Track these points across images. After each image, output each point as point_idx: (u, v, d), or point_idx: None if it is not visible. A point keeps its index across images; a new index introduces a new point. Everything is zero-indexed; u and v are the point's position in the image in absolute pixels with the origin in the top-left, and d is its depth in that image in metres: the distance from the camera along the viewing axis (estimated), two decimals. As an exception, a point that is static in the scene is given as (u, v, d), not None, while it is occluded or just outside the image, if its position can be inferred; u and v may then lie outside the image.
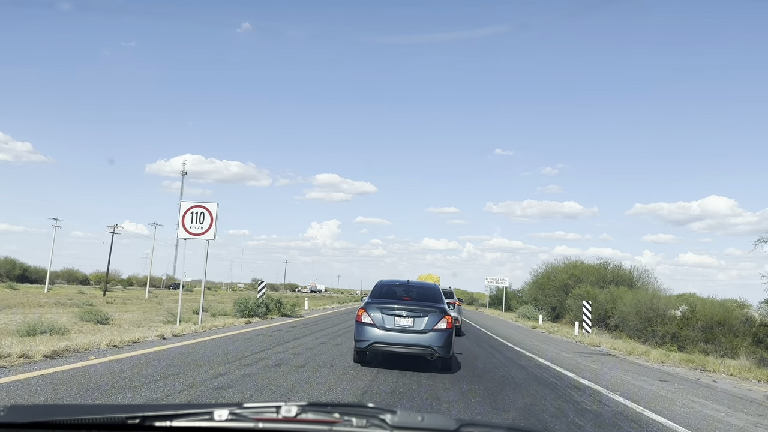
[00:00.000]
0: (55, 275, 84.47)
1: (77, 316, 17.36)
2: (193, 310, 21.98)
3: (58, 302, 30.60)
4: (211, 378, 7.29)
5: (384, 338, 9.08)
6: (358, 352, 9.53)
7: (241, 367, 8.33)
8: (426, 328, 9.07)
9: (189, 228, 15.13)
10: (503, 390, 8.15)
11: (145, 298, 45.75)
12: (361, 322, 9.32)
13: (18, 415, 1.55)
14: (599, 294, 34.02)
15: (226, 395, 6.35)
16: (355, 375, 8.48)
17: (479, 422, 1.55)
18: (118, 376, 6.93)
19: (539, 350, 15.52)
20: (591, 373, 11.04)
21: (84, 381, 6.52)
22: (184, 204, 15.32)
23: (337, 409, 1.53)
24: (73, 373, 6.94)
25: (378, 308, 9.29)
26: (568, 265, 46.95)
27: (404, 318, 9.16)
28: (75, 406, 3.01)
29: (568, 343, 19.28)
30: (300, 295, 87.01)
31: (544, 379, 9.80)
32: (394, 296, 10.04)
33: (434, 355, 9.15)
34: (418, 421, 1.49)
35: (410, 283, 10.91)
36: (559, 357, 13.82)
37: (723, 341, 22.25)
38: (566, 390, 8.71)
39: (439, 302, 9.71)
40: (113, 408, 1.94)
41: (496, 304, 65.34)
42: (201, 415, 1.51)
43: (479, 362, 11.48)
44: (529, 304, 41.92)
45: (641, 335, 25.62)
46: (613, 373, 11.32)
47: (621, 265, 43.89)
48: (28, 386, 6.05)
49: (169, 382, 6.82)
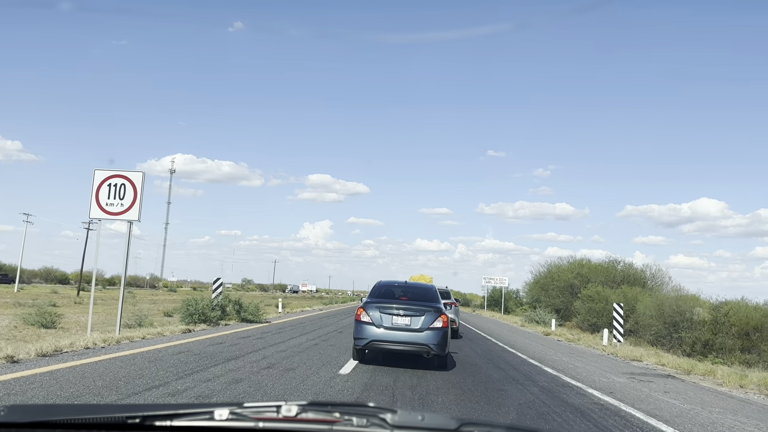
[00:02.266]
0: (33, 274, 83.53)
1: (21, 318, 16.41)
2: (165, 312, 19.58)
3: (18, 302, 29.17)
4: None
5: (382, 336, 9.37)
6: (357, 350, 9.84)
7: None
8: (422, 326, 9.36)
9: (105, 205, 11.51)
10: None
11: (119, 299, 43.49)
12: (360, 321, 9.59)
13: (18, 415, 1.55)
14: (611, 295, 31.96)
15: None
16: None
17: (479, 421, 1.54)
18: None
19: (579, 372, 11.60)
20: (684, 418, 7.44)
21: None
22: (98, 173, 11.64)
23: (337, 408, 1.53)
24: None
25: (377, 307, 9.57)
26: (574, 263, 44.10)
27: (401, 317, 9.45)
28: (75, 405, 3.01)
29: (602, 358, 15.39)
30: (288, 296, 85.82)
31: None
32: (392, 296, 10.32)
33: (430, 353, 9.43)
34: (419, 421, 1.49)
35: (408, 283, 11.24)
36: (612, 384, 10.19)
37: (765, 350, 19.93)
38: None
39: (436, 302, 10.03)
40: (113, 408, 1.94)
41: (491, 305, 63.01)
42: (201, 415, 1.51)
43: (509, 401, 7.57)
44: (539, 308, 37.09)
45: (664, 342, 23.17)
46: (713, 417, 7.74)
47: (632, 264, 41.29)
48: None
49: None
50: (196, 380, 7.32)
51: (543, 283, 45.06)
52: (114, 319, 14.49)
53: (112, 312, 21.93)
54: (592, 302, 33.46)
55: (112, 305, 29.96)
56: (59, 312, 20.56)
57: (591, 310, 33.00)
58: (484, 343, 17.58)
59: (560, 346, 19.28)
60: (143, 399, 6.14)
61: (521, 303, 61.41)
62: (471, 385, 8.63)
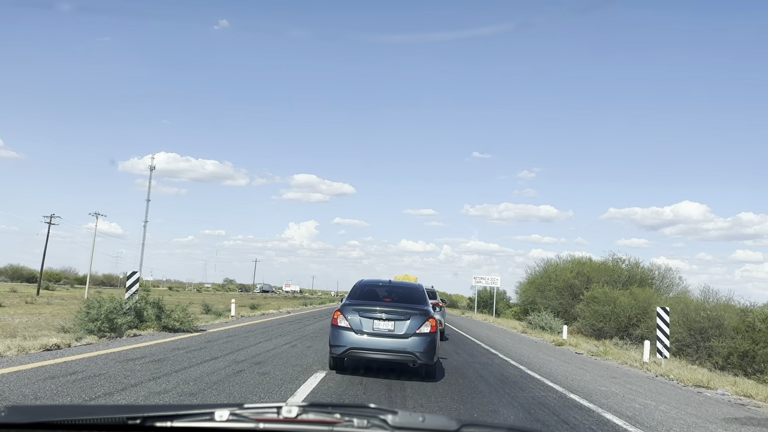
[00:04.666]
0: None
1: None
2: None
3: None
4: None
5: (362, 344, 8.38)
6: (333, 359, 8.83)
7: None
8: (408, 332, 8.40)
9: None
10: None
11: (84, 298, 40.38)
12: (337, 326, 8.57)
13: (18, 416, 1.55)
14: (619, 296, 29.42)
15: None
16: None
17: (480, 422, 1.55)
18: None
19: (663, 421, 7.17)
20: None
21: None
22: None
23: (338, 409, 1.53)
24: None
25: (356, 310, 8.57)
26: (574, 262, 40.95)
27: (384, 321, 8.45)
28: (76, 406, 3.00)
29: (660, 386, 10.79)
30: (257, 296, 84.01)
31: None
32: (375, 297, 9.30)
33: (417, 362, 8.45)
34: (419, 422, 1.49)
35: (392, 283, 10.15)
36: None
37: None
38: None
39: (423, 304, 9.08)
40: (114, 408, 1.94)
41: (480, 307, 58.51)
42: (202, 416, 1.51)
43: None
44: (538, 311, 31.26)
45: (689, 352, 20.35)
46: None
47: (638, 263, 38.11)
48: None
49: None
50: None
51: (539, 284, 42.04)
52: (56, 321, 12.42)
53: (59, 314, 20.08)
54: (598, 305, 30.70)
55: (64, 306, 28.47)
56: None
57: (597, 313, 30.29)
58: (488, 359, 13.36)
59: (588, 363, 14.36)
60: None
61: (509, 305, 59.34)
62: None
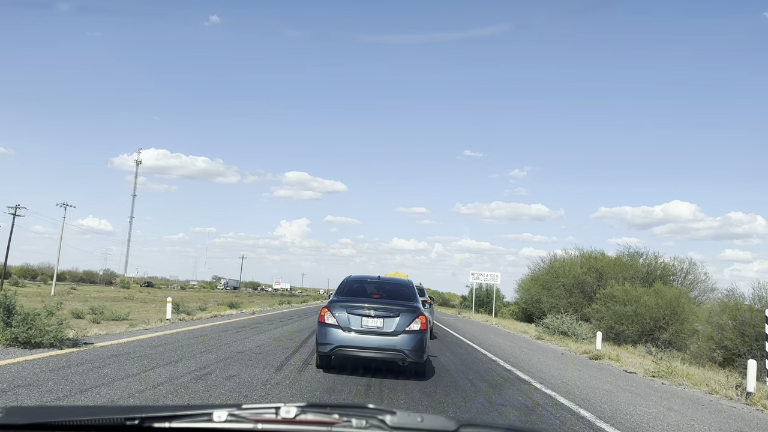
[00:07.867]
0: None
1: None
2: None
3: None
4: None
5: (349, 341, 8.23)
6: (320, 357, 8.72)
7: None
8: (397, 329, 8.24)
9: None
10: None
11: (50, 295, 39.16)
12: (324, 323, 8.42)
13: (17, 417, 1.55)
14: (643, 295, 26.17)
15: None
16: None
17: (478, 422, 1.54)
18: None
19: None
20: None
21: None
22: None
23: (336, 409, 1.52)
24: None
25: (343, 307, 8.41)
26: (585, 256, 36.85)
27: (372, 318, 8.31)
28: (74, 407, 3.01)
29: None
30: (257, 294, 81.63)
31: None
32: (363, 294, 9.14)
33: (406, 360, 8.30)
34: (418, 422, 1.48)
35: (381, 279, 9.98)
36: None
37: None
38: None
39: (413, 300, 8.89)
40: (112, 409, 1.94)
41: (476, 305, 51.45)
42: (200, 417, 1.51)
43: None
44: (563, 314, 23.84)
45: (741, 363, 14.48)
46: None
47: (656, 257, 33.95)
48: None
49: None
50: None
51: (544, 281, 38.03)
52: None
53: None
54: (618, 304, 26.87)
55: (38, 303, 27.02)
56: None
57: (617, 314, 26.44)
58: (523, 395, 8.13)
59: (664, 394, 9.49)
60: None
61: (504, 304, 56.08)
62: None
